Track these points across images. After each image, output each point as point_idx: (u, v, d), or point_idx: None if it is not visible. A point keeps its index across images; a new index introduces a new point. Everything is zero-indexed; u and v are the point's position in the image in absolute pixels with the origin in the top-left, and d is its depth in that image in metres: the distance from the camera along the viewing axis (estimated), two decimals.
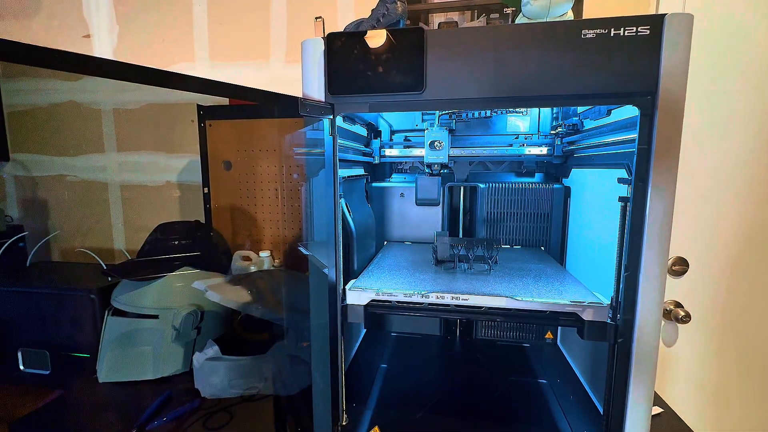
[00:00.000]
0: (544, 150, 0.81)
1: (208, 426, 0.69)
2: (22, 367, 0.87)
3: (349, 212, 0.72)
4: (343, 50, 0.53)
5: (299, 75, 0.55)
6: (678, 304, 0.97)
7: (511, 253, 0.85)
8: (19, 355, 0.87)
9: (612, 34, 0.46)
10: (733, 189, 0.94)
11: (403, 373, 0.79)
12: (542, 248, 0.88)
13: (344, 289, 0.60)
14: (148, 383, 0.80)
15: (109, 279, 0.90)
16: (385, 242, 0.96)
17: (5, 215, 1.19)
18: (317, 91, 0.54)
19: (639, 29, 0.46)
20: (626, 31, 0.46)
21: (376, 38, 0.51)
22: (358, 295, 0.60)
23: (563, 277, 0.67)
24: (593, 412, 0.65)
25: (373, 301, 0.59)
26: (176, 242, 0.93)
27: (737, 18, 0.89)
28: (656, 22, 0.45)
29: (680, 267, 0.96)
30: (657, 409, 0.76)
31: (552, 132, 0.83)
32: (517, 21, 0.64)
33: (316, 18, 0.58)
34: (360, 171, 0.84)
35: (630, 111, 0.51)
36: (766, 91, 0.90)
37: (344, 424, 0.63)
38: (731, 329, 0.97)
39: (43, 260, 1.19)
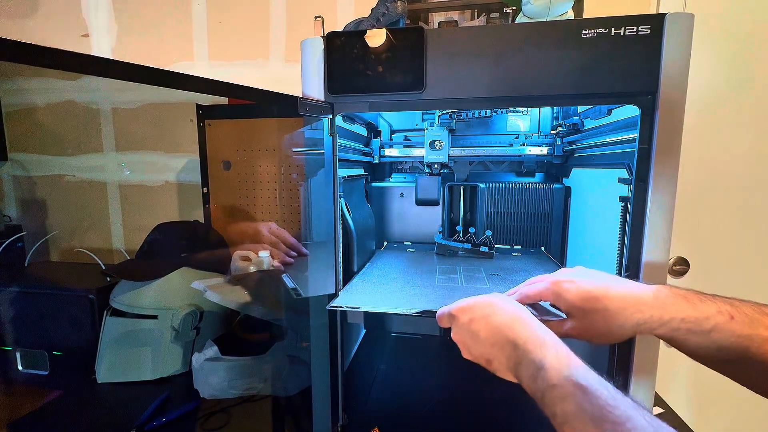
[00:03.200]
0: (544, 150, 0.81)
1: (207, 427, 0.69)
2: (20, 368, 0.87)
3: (348, 212, 0.71)
4: (342, 49, 0.52)
5: (299, 74, 0.55)
6: None
7: (513, 262, 0.85)
8: (18, 355, 0.87)
9: (612, 34, 0.46)
10: (734, 189, 0.94)
11: (403, 373, 0.79)
12: (542, 248, 0.88)
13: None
14: (146, 384, 0.80)
15: (108, 279, 0.89)
16: (385, 242, 0.96)
17: (3, 215, 1.18)
18: (317, 91, 0.54)
19: (639, 29, 0.46)
20: (627, 31, 0.46)
21: (376, 37, 0.51)
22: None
23: None
24: None
25: None
26: (175, 242, 0.92)
27: (738, 17, 0.89)
28: (657, 21, 0.45)
29: (681, 267, 0.96)
30: (657, 410, 0.76)
31: (552, 132, 0.83)
32: (517, 20, 0.63)
33: (316, 17, 0.58)
34: (360, 171, 0.84)
35: (630, 110, 0.51)
36: (766, 90, 0.90)
37: (344, 424, 0.63)
38: None
39: (41, 260, 1.19)
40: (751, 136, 0.91)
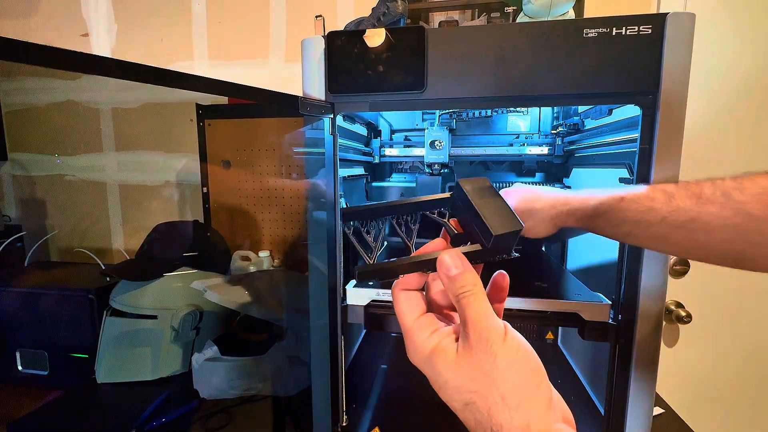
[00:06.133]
0: (544, 149, 0.81)
1: (207, 427, 0.69)
2: (20, 368, 0.87)
3: None
4: (343, 49, 0.52)
5: (299, 74, 0.55)
6: (679, 305, 0.97)
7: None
8: (17, 355, 0.86)
9: (614, 33, 0.46)
10: None
11: (403, 373, 0.79)
12: (542, 248, 0.88)
13: (344, 289, 0.60)
14: (146, 384, 0.80)
15: (108, 279, 0.89)
16: (386, 242, 0.96)
17: (3, 215, 1.18)
18: (317, 90, 0.54)
19: (641, 28, 0.46)
20: (628, 31, 0.46)
21: (377, 37, 0.51)
22: (358, 295, 0.59)
23: (564, 277, 0.67)
24: (594, 412, 0.65)
25: (373, 301, 0.59)
26: (175, 242, 0.92)
27: (738, 17, 0.89)
28: (658, 21, 0.45)
29: (681, 267, 0.96)
30: (658, 410, 0.76)
31: (553, 131, 0.82)
32: (518, 20, 0.63)
33: (317, 16, 0.58)
34: (360, 170, 0.84)
35: (631, 110, 0.51)
36: (766, 90, 0.90)
37: (344, 425, 0.63)
38: (732, 329, 0.97)
39: (41, 260, 1.19)
40: (752, 134, 0.91)
